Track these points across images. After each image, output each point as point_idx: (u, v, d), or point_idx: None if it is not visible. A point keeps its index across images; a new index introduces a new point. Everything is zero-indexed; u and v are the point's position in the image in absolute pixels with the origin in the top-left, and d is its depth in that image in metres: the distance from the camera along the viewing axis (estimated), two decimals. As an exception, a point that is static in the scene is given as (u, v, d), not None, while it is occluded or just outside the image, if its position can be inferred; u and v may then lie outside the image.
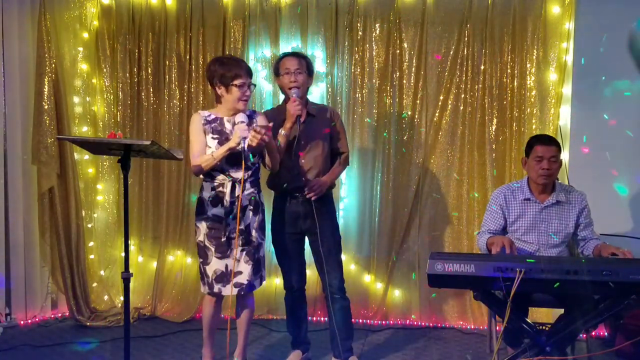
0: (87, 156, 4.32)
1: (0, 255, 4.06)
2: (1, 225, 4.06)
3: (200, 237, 3.05)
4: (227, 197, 3.01)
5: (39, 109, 4.06)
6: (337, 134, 3.32)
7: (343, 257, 3.50)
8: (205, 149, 3.01)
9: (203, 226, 3.04)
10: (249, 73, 3.04)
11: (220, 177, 3.02)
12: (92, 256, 4.36)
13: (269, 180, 3.31)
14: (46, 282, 4.28)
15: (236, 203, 2.99)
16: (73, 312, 4.16)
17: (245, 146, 2.89)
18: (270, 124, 2.95)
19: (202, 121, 3.03)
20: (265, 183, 3.31)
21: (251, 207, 3.06)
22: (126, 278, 2.66)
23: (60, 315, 4.33)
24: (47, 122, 4.06)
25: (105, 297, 4.36)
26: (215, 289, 3.03)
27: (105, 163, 4.42)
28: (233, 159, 2.98)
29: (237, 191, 3.00)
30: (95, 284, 4.35)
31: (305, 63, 3.20)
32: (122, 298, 4.05)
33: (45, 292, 4.30)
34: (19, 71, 4.12)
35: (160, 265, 4.38)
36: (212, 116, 3.06)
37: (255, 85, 3.18)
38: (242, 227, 3.02)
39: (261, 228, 3.13)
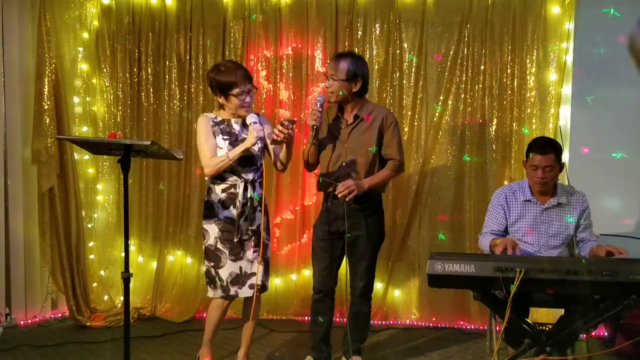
0: (87, 156, 4.33)
1: (0, 255, 4.05)
2: (1, 225, 4.06)
3: (211, 241, 3.01)
4: (240, 198, 2.99)
5: (39, 109, 4.06)
6: (386, 141, 3.14)
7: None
8: (216, 151, 2.98)
9: (214, 229, 3.01)
10: (247, 79, 2.97)
11: (232, 179, 3.00)
12: (92, 256, 4.36)
13: (318, 181, 3.26)
14: (46, 282, 4.28)
15: (248, 204, 2.99)
16: (73, 312, 4.17)
17: (262, 146, 2.93)
18: (296, 119, 2.93)
19: (210, 123, 3.01)
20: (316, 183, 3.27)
21: (260, 208, 3.06)
22: (126, 278, 2.66)
23: (60, 315, 4.33)
24: (47, 122, 4.06)
25: (105, 297, 4.36)
26: (232, 292, 3.00)
27: (105, 163, 4.43)
28: (245, 160, 2.98)
29: (249, 192, 2.99)
30: (95, 284, 4.34)
31: (344, 67, 3.03)
32: (122, 298, 4.05)
33: (45, 292, 4.30)
34: (19, 71, 4.12)
35: (160, 265, 4.38)
36: (219, 118, 3.04)
37: (256, 88, 3.13)
38: (254, 227, 3.02)
39: (267, 229, 3.12)
